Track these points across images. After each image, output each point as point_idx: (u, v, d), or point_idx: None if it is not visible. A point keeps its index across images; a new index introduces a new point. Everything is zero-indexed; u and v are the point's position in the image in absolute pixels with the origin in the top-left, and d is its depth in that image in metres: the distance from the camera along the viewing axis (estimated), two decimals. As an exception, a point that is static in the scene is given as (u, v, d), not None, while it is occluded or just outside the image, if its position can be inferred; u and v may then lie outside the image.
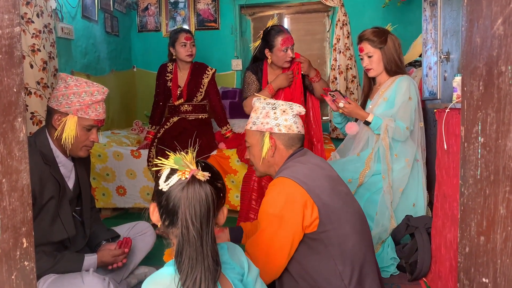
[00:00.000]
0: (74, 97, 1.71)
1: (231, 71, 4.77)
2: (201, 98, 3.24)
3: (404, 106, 2.36)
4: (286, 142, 1.59)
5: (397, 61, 2.44)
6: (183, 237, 1.01)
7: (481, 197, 0.74)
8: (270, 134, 1.58)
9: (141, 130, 4.05)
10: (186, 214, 1.00)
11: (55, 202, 1.71)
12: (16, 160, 0.73)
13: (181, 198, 1.02)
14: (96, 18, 3.99)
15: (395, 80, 2.42)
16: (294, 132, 1.59)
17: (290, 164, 1.55)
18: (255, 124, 1.61)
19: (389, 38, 2.42)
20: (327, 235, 1.43)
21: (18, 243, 0.74)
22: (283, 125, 1.58)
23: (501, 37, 0.68)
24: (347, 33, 4.46)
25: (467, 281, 0.78)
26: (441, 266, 1.87)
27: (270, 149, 1.58)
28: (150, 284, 1.04)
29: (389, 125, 2.31)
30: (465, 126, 0.77)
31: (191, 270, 1.00)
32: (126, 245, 1.86)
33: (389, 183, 2.31)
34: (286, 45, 2.64)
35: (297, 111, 1.61)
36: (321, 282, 1.42)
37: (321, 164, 1.58)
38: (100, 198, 3.37)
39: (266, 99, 1.64)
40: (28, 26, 2.49)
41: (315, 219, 1.42)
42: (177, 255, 1.02)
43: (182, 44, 3.11)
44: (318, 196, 1.43)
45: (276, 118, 1.58)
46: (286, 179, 1.46)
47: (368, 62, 2.46)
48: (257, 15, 4.90)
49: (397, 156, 2.37)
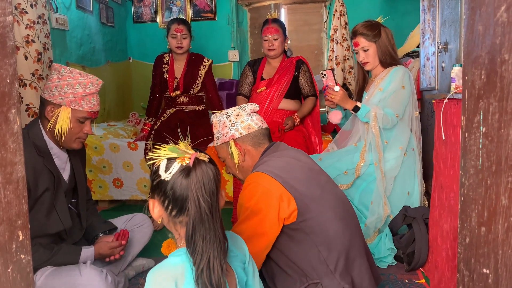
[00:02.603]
0: (67, 89, 1.68)
1: (227, 62, 4.74)
2: (198, 90, 3.22)
3: (395, 94, 2.37)
4: (252, 142, 1.64)
5: (392, 52, 2.46)
6: (195, 218, 1.03)
7: (482, 188, 0.73)
8: (234, 141, 1.63)
9: (138, 121, 4.02)
10: (198, 194, 1.03)
11: (50, 194, 1.69)
12: (10, 152, 0.72)
13: (189, 182, 1.03)
14: (91, 8, 3.94)
15: (390, 71, 2.43)
16: (254, 129, 1.63)
17: (266, 159, 1.58)
18: (218, 138, 1.67)
19: (382, 31, 2.43)
20: (307, 224, 1.45)
21: (14, 236, 0.73)
22: (242, 127, 1.62)
23: (505, 24, 0.67)
24: (345, 23, 4.43)
25: (467, 271, 0.77)
26: (437, 256, 1.88)
27: (239, 154, 1.63)
28: (156, 275, 1.03)
29: (377, 112, 2.33)
30: (466, 116, 0.76)
31: (205, 250, 1.02)
32: (123, 237, 1.85)
33: (381, 170, 2.32)
34: (265, 34, 2.90)
35: (251, 110, 1.66)
36: (307, 270, 1.45)
37: (296, 156, 1.61)
38: (97, 190, 3.36)
39: (221, 112, 1.69)
40: (22, 16, 2.45)
41: (293, 210, 1.45)
42: (189, 239, 1.03)
43: (173, 35, 3.09)
44: (294, 187, 1.46)
45: (233, 124, 1.63)
46: (260, 173, 1.50)
47: (364, 56, 2.46)
48: (254, 5, 4.86)
49: (387, 142, 2.38)
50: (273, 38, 2.89)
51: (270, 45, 2.90)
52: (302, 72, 3.01)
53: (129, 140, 3.35)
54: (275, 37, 2.89)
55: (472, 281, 0.76)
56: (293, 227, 1.46)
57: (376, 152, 2.35)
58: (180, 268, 1.02)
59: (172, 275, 1.02)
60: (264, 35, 2.91)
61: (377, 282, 1.60)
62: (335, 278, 1.43)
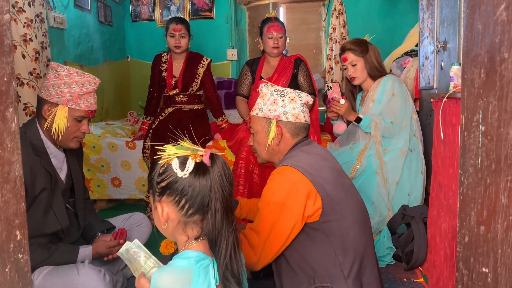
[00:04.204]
0: (64, 88, 1.68)
1: (226, 61, 4.73)
2: (196, 89, 3.22)
3: (389, 103, 2.50)
4: (293, 131, 1.58)
5: (378, 66, 2.61)
6: (220, 212, 1.04)
7: (481, 187, 0.73)
8: (277, 122, 1.57)
9: (136, 121, 4.01)
10: (221, 188, 1.04)
11: (47, 194, 1.68)
12: (8, 151, 0.71)
13: (210, 177, 1.04)
14: (89, 7, 3.93)
15: (380, 81, 2.56)
16: (301, 121, 1.58)
17: (294, 153, 1.54)
18: (261, 110, 1.59)
19: (369, 47, 2.59)
20: (329, 225, 1.42)
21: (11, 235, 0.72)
22: (291, 113, 1.56)
23: (504, 23, 0.67)
24: (343, 22, 4.43)
25: (466, 270, 0.77)
26: (436, 255, 1.88)
27: (276, 137, 1.57)
28: (163, 277, 1.00)
29: (378, 123, 2.45)
30: (465, 114, 0.75)
31: (230, 240, 1.05)
32: (121, 236, 1.84)
33: (383, 178, 2.35)
34: (270, 31, 2.90)
35: (305, 100, 1.60)
36: (320, 272, 1.42)
37: (324, 155, 1.57)
38: (95, 189, 3.35)
39: (274, 86, 1.63)
40: (20, 15, 2.44)
41: (318, 209, 1.41)
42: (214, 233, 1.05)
43: (171, 34, 3.09)
44: (322, 187, 1.42)
45: (284, 105, 1.56)
46: (290, 168, 1.45)
47: (353, 71, 2.60)
48: (253, 4, 4.85)
49: (386, 150, 2.47)
50: (279, 36, 2.92)
51: (275, 42, 2.92)
52: (301, 70, 3.01)
53: (127, 139, 3.34)
54: (280, 35, 2.92)
55: (471, 280, 0.76)
56: (314, 227, 1.42)
57: (377, 159, 2.41)
58: (187, 272, 1.00)
59: (179, 278, 1.00)
60: (269, 32, 2.91)
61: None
62: (347, 284, 1.39)
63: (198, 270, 1.01)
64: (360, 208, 1.54)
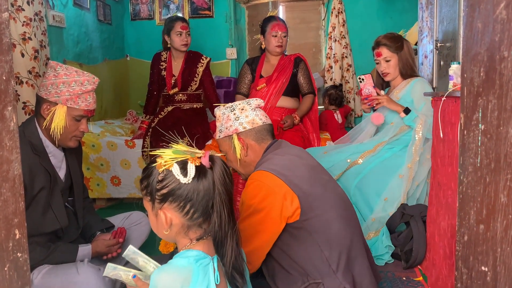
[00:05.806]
0: (63, 86, 1.67)
1: (225, 59, 4.73)
2: (196, 87, 3.21)
3: (426, 105, 2.39)
4: (255, 137, 1.62)
5: (412, 65, 2.53)
6: (224, 212, 1.04)
7: (481, 185, 0.73)
8: (237, 135, 1.60)
9: (135, 119, 4.01)
10: (224, 189, 1.04)
11: (46, 193, 1.68)
12: (6, 150, 0.71)
13: (211, 179, 1.04)
14: (88, 6, 3.93)
15: (410, 82, 2.49)
16: (258, 124, 1.61)
17: (269, 157, 1.57)
18: (221, 131, 1.64)
19: (404, 44, 2.51)
20: (310, 222, 1.44)
21: (10, 234, 0.72)
22: (246, 122, 1.60)
23: (504, 21, 0.67)
24: (343, 21, 4.43)
25: (466, 269, 0.77)
26: (435, 254, 1.88)
27: (242, 149, 1.61)
28: (162, 276, 1.00)
29: (424, 120, 2.37)
30: (464, 113, 0.75)
31: (233, 239, 1.06)
32: (120, 235, 1.84)
33: (410, 174, 2.32)
34: (275, 30, 2.90)
35: (256, 104, 1.64)
36: (309, 269, 1.44)
37: (299, 154, 1.60)
38: (94, 188, 3.35)
39: (225, 105, 1.67)
40: (18, 14, 2.44)
41: (297, 209, 1.43)
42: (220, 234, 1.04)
43: (178, 33, 3.08)
44: (297, 186, 1.45)
45: (237, 118, 1.61)
46: (264, 172, 1.48)
47: (386, 66, 2.52)
48: (252, 3, 4.84)
49: (422, 150, 2.40)
50: (283, 35, 2.93)
51: (279, 41, 2.93)
52: (300, 69, 3.01)
53: (127, 138, 3.34)
54: (284, 34, 2.94)
55: (471, 279, 0.76)
56: (296, 226, 1.45)
57: (412, 154, 2.36)
58: (187, 271, 1.00)
59: (179, 277, 1.00)
60: (273, 31, 2.92)
61: (377, 280, 1.59)
62: (337, 278, 1.41)
63: (198, 269, 1.01)
64: (341, 201, 1.56)
